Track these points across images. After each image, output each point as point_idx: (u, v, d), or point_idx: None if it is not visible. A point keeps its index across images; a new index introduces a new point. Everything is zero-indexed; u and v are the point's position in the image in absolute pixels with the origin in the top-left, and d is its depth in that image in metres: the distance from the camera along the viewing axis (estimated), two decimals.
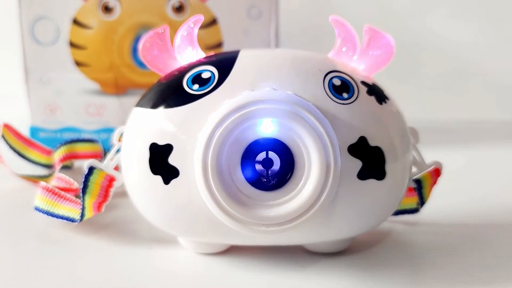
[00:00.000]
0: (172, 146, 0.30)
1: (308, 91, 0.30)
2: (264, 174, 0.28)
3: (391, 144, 0.31)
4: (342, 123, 0.29)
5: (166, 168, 0.30)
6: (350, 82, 0.31)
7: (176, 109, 0.30)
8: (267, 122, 0.28)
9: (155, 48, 0.33)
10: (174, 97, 0.31)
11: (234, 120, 0.28)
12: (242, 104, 0.28)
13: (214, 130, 0.28)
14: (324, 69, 0.31)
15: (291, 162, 0.28)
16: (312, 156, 0.28)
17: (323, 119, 0.28)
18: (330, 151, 0.28)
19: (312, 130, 0.28)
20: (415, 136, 0.35)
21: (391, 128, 0.31)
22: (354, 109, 0.30)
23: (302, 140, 0.28)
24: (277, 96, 0.28)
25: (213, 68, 0.31)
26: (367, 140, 0.30)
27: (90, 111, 0.55)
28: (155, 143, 0.30)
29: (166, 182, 0.30)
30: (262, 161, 0.28)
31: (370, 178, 0.30)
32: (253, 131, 0.28)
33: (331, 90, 0.30)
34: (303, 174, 0.28)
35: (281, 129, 0.28)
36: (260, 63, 0.31)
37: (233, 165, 0.28)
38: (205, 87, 0.30)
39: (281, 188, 0.29)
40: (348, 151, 0.29)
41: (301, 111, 0.28)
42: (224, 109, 0.28)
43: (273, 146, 0.28)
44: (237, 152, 0.28)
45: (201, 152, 0.28)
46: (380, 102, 0.31)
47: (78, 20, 0.53)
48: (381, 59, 0.33)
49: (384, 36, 0.33)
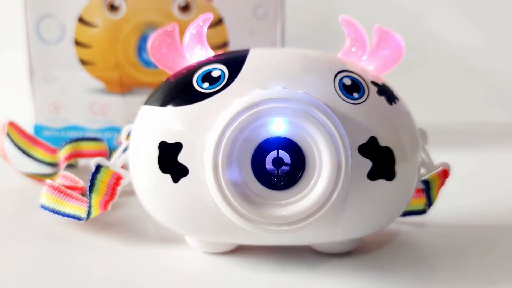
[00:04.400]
0: (182, 144, 0.29)
1: (319, 90, 0.30)
2: (275, 173, 0.28)
3: (401, 144, 0.31)
4: (353, 123, 0.29)
5: (175, 166, 0.29)
6: (360, 82, 0.31)
7: (186, 107, 0.30)
8: (278, 121, 0.28)
9: (164, 46, 0.33)
10: (183, 95, 0.30)
11: (245, 118, 0.28)
12: (253, 103, 0.28)
13: (225, 128, 0.28)
14: (335, 68, 0.31)
15: (302, 161, 0.28)
16: (323, 155, 0.28)
17: (335, 119, 0.28)
18: (341, 150, 0.28)
19: (324, 130, 0.28)
20: (423, 137, 0.35)
21: (401, 128, 0.31)
22: (364, 109, 0.30)
23: (313, 139, 0.28)
24: (288, 95, 0.28)
25: (223, 67, 0.31)
26: (377, 140, 0.30)
27: (94, 109, 0.55)
28: (164, 141, 0.30)
29: (175, 180, 0.30)
30: (273, 160, 0.28)
31: (380, 179, 0.30)
32: (264, 130, 0.28)
33: (341, 90, 0.30)
34: (314, 173, 0.28)
35: (292, 128, 0.28)
36: (270, 62, 0.31)
37: (244, 164, 0.28)
38: (215, 85, 0.30)
39: (292, 187, 0.28)
40: (358, 151, 0.29)
41: (313, 110, 0.28)
42: (234, 107, 0.28)
43: (284, 145, 0.28)
44: (247, 150, 0.28)
45: (212, 151, 0.28)
46: (390, 103, 0.31)
47: (84, 19, 0.53)
48: (390, 60, 0.33)
49: (393, 37, 0.33)
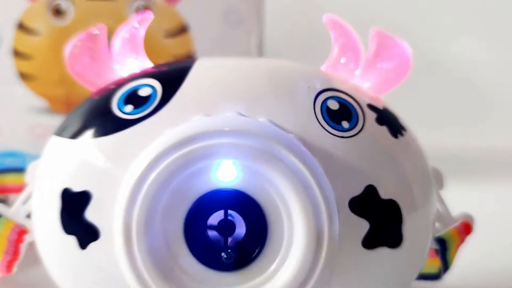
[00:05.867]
0: (91, 194, 0.22)
1: (292, 118, 0.23)
2: (221, 245, 0.21)
3: (410, 195, 0.24)
4: (341, 166, 0.22)
5: (82, 225, 0.23)
6: (352, 105, 0.24)
7: (98, 140, 0.23)
8: (227, 164, 0.21)
9: (85, 55, 0.28)
10: (98, 123, 0.24)
11: (176, 160, 0.20)
12: (190, 136, 0.21)
13: (143, 174, 0.20)
14: (316, 86, 0.24)
15: (262, 227, 0.21)
16: (294, 218, 0.21)
17: (312, 162, 0.21)
18: (322, 210, 0.21)
19: (295, 178, 0.21)
20: (439, 180, 0.29)
21: (410, 172, 0.24)
22: (358, 145, 0.23)
23: (279, 193, 0.21)
24: (244, 125, 0.21)
25: (156, 83, 0.24)
26: (377, 190, 0.23)
27: (36, 132, 0.49)
28: (68, 188, 0.23)
29: (83, 245, 0.23)
30: (219, 225, 0.21)
31: (380, 246, 0.23)
32: (206, 178, 0.21)
33: (325, 117, 0.23)
34: (280, 246, 0.21)
35: (249, 176, 0.21)
36: (222, 76, 0.24)
37: (173, 230, 0.21)
38: (141, 109, 0.24)
39: (247, 267, 0.21)
40: (350, 207, 0.22)
41: (279, 150, 0.20)
42: (162, 143, 0.21)
43: (235, 203, 0.21)
44: (179, 210, 0.21)
45: (123, 208, 0.21)
46: (394, 135, 0.24)
47: (24, 25, 0.48)
48: (393, 75, 0.27)
49: (397, 44, 0.27)
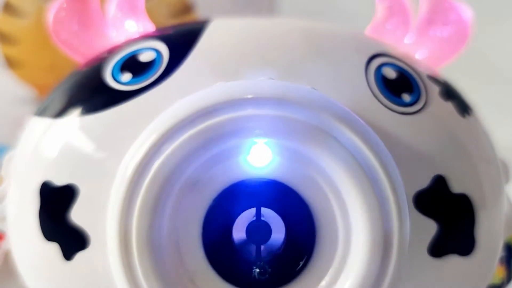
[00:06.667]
0: (76, 189, 0.18)
1: (339, 89, 0.18)
2: (252, 255, 0.16)
3: (481, 189, 0.19)
4: (405, 152, 0.17)
5: (65, 230, 0.18)
6: (412, 74, 0.20)
7: (87, 118, 0.18)
8: (259, 146, 0.16)
9: (74, 19, 0.24)
10: (86, 97, 0.19)
11: (190, 139, 0.15)
12: (210, 106, 0.15)
13: (146, 160, 0.15)
14: (366, 49, 0.19)
15: (308, 230, 0.16)
16: (353, 217, 0.16)
17: (378, 143, 0.16)
18: (391, 206, 0.16)
19: (355, 165, 0.15)
20: (504, 173, 0.24)
21: (480, 160, 0.20)
22: (423, 125, 0.18)
23: (332, 184, 0.16)
24: (283, 92, 0.16)
25: (161, 45, 0.20)
26: (447, 182, 0.18)
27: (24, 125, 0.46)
28: (48, 182, 0.18)
29: (67, 255, 0.18)
30: (249, 229, 0.16)
31: (450, 253, 0.18)
32: (232, 164, 0.16)
33: (380, 87, 0.19)
34: (333, 256, 0.16)
35: (290, 162, 0.16)
36: (246, 37, 0.19)
37: (187, 237, 0.16)
38: (142, 77, 0.19)
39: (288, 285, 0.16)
40: (415, 204, 0.17)
41: (333, 124, 0.15)
42: (170, 117, 0.16)
43: (271, 197, 0.16)
44: (195, 208, 0.16)
45: (119, 206, 0.16)
46: (462, 114, 0.20)
47: (11, 4, 0.46)
48: (449, 44, 0.24)
49: (453, 7, 0.24)
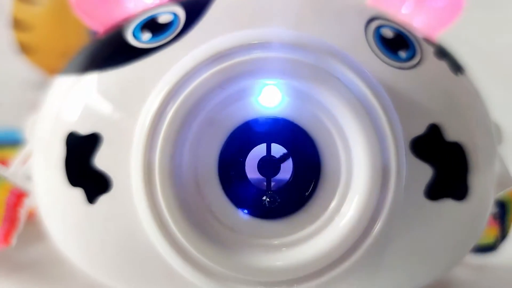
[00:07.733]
0: (101, 136, 0.19)
1: (341, 45, 0.19)
2: (264, 186, 0.18)
3: (475, 140, 0.21)
4: (401, 101, 0.19)
5: (90, 175, 0.20)
6: (407, 35, 0.21)
7: (110, 73, 0.20)
8: (270, 87, 0.17)
9: None
10: (109, 54, 0.21)
11: (207, 80, 0.17)
12: (224, 50, 0.17)
13: (167, 100, 0.17)
14: (366, 13, 0.21)
15: (314, 163, 0.18)
16: (355, 151, 0.18)
17: (376, 85, 0.18)
18: (389, 142, 0.17)
19: (357, 103, 0.17)
20: (497, 134, 0.25)
21: (473, 115, 0.21)
22: (418, 78, 0.20)
23: (336, 121, 0.18)
24: (291, 37, 0.18)
25: (178, 9, 0.21)
26: (441, 130, 0.19)
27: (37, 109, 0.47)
28: (74, 132, 0.20)
29: (91, 199, 0.20)
30: (260, 163, 0.18)
31: (445, 197, 0.20)
32: (245, 104, 0.18)
33: (379, 45, 0.20)
34: (336, 187, 0.18)
35: (298, 102, 0.18)
36: None
37: (204, 170, 0.18)
38: (161, 35, 0.20)
39: (295, 213, 0.18)
40: (412, 148, 0.19)
41: (336, 66, 0.17)
42: (188, 61, 0.17)
43: (281, 134, 0.18)
44: (212, 144, 0.18)
45: (142, 145, 0.17)
46: (455, 72, 0.21)
47: None
48: (443, 14, 0.25)
49: None
